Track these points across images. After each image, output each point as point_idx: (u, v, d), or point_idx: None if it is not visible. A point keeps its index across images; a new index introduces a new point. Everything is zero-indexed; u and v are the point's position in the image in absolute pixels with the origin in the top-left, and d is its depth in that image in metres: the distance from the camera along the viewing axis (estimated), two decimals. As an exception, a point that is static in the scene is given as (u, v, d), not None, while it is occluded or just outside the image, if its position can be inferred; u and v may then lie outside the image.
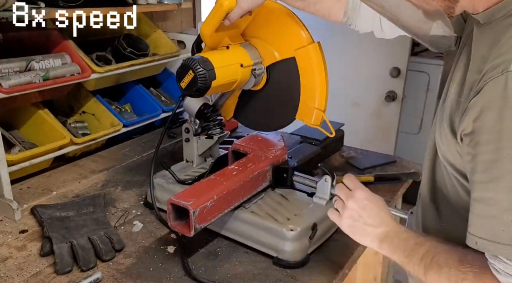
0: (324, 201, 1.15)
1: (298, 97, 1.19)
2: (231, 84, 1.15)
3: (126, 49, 1.69)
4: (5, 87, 1.27)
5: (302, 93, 1.18)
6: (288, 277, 1.02)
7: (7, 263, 1.06)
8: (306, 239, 1.07)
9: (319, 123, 1.18)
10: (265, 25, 1.19)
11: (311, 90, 1.17)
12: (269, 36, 1.20)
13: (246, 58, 1.16)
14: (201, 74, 1.05)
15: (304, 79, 1.17)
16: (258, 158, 1.20)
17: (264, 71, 1.22)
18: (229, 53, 1.15)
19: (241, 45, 1.18)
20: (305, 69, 1.17)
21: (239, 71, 1.14)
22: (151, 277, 1.01)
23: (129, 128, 1.71)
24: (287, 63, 1.19)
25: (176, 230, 1.03)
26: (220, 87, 1.14)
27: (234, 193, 1.08)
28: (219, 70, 1.08)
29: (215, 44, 1.18)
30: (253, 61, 1.17)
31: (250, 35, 1.22)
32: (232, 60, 1.14)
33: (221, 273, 1.03)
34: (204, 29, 1.13)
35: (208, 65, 1.06)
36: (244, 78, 1.17)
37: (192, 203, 0.97)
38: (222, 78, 1.10)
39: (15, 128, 1.57)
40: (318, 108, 1.16)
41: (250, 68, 1.17)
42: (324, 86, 1.16)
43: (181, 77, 1.08)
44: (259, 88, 1.25)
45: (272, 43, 1.20)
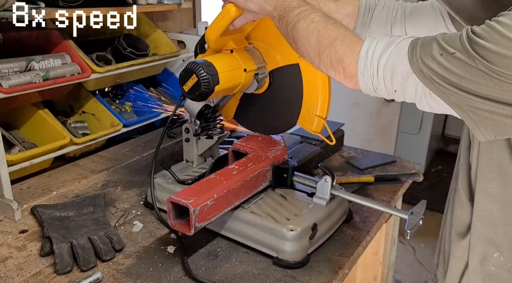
0: (324, 201, 1.15)
1: (300, 104, 1.19)
2: (233, 88, 1.16)
3: (126, 49, 1.70)
4: (5, 87, 1.28)
5: (304, 101, 1.18)
6: (288, 277, 1.02)
7: (7, 263, 1.07)
8: (306, 239, 1.07)
9: (319, 130, 1.18)
10: (270, 30, 1.18)
11: (314, 98, 1.17)
12: (273, 41, 1.19)
13: (249, 63, 1.16)
14: (204, 79, 1.05)
15: (307, 87, 1.17)
16: (258, 157, 1.20)
17: (267, 76, 1.22)
18: (233, 57, 1.15)
19: (245, 49, 1.18)
20: (309, 77, 1.16)
21: (242, 76, 1.15)
22: (151, 277, 1.01)
23: (129, 128, 1.71)
24: (291, 69, 1.19)
25: (176, 229, 1.03)
26: (223, 92, 1.14)
27: (234, 192, 1.08)
28: (222, 75, 1.08)
29: (219, 48, 1.18)
30: (256, 66, 1.18)
31: (255, 39, 1.22)
32: (235, 65, 1.14)
33: (221, 273, 1.03)
34: (209, 33, 1.12)
35: (212, 70, 1.07)
36: (247, 82, 1.18)
37: (192, 201, 0.97)
38: (225, 83, 1.10)
39: (15, 128, 1.57)
40: (319, 116, 1.16)
41: (253, 73, 1.17)
42: (327, 95, 1.16)
43: (185, 80, 1.08)
44: (261, 92, 1.25)
45: (276, 48, 1.20)
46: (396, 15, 1.07)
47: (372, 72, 0.77)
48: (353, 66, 0.79)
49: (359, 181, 1.46)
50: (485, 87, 0.67)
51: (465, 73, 0.68)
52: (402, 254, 2.89)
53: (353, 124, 2.00)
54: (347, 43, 0.81)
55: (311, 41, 0.85)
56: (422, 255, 2.92)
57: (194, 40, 1.91)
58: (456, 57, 0.68)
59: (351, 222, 1.24)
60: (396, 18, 1.07)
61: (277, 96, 1.24)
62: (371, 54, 0.77)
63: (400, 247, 2.89)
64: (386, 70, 0.76)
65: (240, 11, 1.05)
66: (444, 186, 3.68)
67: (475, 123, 0.72)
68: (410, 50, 0.73)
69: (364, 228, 1.22)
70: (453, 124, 4.27)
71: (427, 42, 0.72)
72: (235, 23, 1.08)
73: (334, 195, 1.16)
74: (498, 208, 0.84)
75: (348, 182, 1.45)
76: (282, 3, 0.92)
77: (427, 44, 0.72)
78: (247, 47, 1.20)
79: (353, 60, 0.79)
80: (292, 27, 0.88)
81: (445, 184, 3.75)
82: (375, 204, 1.14)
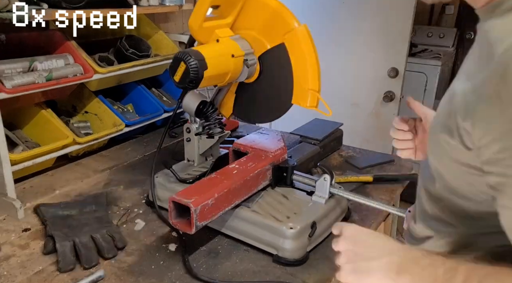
0: (323, 199, 1.17)
1: (291, 82, 1.20)
2: (224, 75, 1.17)
3: (128, 50, 1.71)
4: (8, 88, 1.29)
5: (294, 76, 1.19)
6: (288, 275, 1.04)
7: (10, 261, 1.08)
8: (306, 237, 1.08)
9: (315, 104, 1.18)
10: (254, 17, 1.21)
11: (303, 71, 1.18)
12: (258, 27, 1.22)
13: (236, 49, 1.18)
14: (192, 64, 1.07)
15: (295, 62, 1.19)
16: (259, 157, 1.22)
17: (257, 62, 1.23)
18: (219, 45, 1.18)
19: (231, 38, 1.20)
20: (295, 52, 1.18)
21: (231, 62, 1.16)
22: (153, 275, 1.03)
23: (131, 128, 1.73)
24: (278, 50, 1.20)
25: (177, 228, 1.04)
26: (214, 79, 1.16)
27: (234, 191, 1.09)
28: (210, 61, 1.10)
29: (205, 39, 1.20)
30: (244, 52, 1.19)
31: (240, 28, 1.24)
32: (222, 51, 1.16)
33: (222, 271, 1.05)
34: (192, 22, 1.15)
35: (199, 56, 1.09)
36: (237, 69, 1.19)
37: (193, 200, 0.98)
38: (214, 68, 1.12)
39: (19, 128, 1.58)
40: (312, 89, 1.17)
41: (241, 59, 1.19)
42: (316, 66, 1.17)
43: (174, 70, 1.11)
44: (254, 80, 1.26)
45: (261, 33, 1.22)
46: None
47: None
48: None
49: (358, 180, 1.47)
50: None
51: None
52: (402, 253, 2.89)
53: (352, 124, 2.01)
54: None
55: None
56: (422, 254, 2.92)
57: (195, 41, 1.93)
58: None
59: (350, 220, 1.26)
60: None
61: (270, 81, 1.25)
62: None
63: (399, 246, 2.89)
64: None
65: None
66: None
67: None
68: None
69: (363, 226, 1.22)
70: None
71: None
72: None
73: (333, 194, 1.18)
74: None
75: (347, 181, 1.46)
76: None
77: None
78: (233, 37, 1.22)
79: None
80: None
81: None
82: (373, 203, 1.15)
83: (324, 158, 1.65)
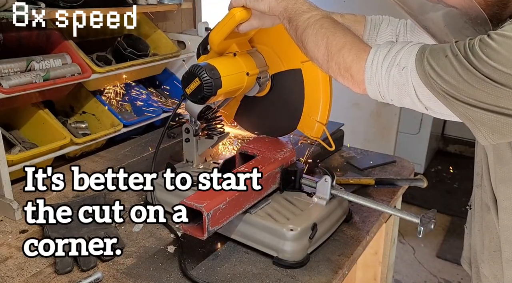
0: (324, 201, 1.15)
1: (301, 109, 1.20)
2: (235, 91, 1.16)
3: (127, 49, 1.70)
4: (5, 88, 1.28)
5: (305, 104, 1.19)
6: (288, 277, 1.03)
7: (8, 263, 1.07)
8: (306, 239, 1.07)
9: (319, 136, 1.18)
10: (274, 34, 1.18)
11: (315, 104, 1.17)
12: (277, 45, 1.20)
13: (252, 66, 1.17)
14: (207, 83, 1.06)
15: (308, 92, 1.18)
16: (267, 160, 1.19)
17: (269, 79, 1.22)
18: (235, 61, 1.16)
19: (248, 53, 1.19)
20: (311, 83, 1.17)
21: (245, 79, 1.15)
22: (151, 277, 1.02)
23: (129, 128, 1.72)
24: (293, 74, 1.19)
25: (188, 233, 1.00)
26: (225, 95, 1.15)
27: (245, 195, 1.07)
28: (225, 79, 1.09)
29: (222, 50, 1.18)
30: (259, 70, 1.18)
31: (258, 42, 1.23)
32: (238, 69, 1.14)
33: (221, 273, 1.03)
34: (214, 37, 1.12)
35: (215, 74, 1.07)
36: (249, 85, 1.18)
37: (205, 205, 0.95)
38: (228, 87, 1.11)
39: (16, 128, 1.57)
40: (320, 122, 1.17)
41: (255, 76, 1.18)
42: (328, 102, 1.17)
43: (187, 83, 1.09)
44: (263, 95, 1.25)
45: (279, 52, 1.20)
46: (399, 32, 1.09)
47: (378, 82, 0.79)
48: (360, 74, 0.81)
49: (359, 182, 1.45)
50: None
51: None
52: (402, 254, 2.89)
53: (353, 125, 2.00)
54: (354, 51, 0.82)
55: (320, 48, 0.86)
56: (422, 255, 2.93)
57: (194, 40, 1.92)
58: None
59: (351, 221, 1.25)
60: (399, 36, 1.09)
61: (278, 100, 1.24)
62: (375, 64, 0.79)
63: (399, 247, 2.89)
64: (390, 81, 0.78)
65: (246, 16, 1.04)
66: (443, 186, 3.69)
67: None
68: (418, 63, 0.74)
69: (364, 228, 1.22)
70: (453, 125, 4.27)
71: (435, 51, 0.73)
72: (240, 28, 1.08)
73: (334, 195, 1.17)
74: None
75: (348, 183, 1.45)
76: (293, 6, 0.93)
77: (435, 53, 0.73)
78: (250, 51, 1.20)
79: (360, 69, 0.81)
80: (301, 31, 0.89)
81: (444, 184, 3.75)
82: (374, 204, 1.14)
83: (325, 158, 1.64)
